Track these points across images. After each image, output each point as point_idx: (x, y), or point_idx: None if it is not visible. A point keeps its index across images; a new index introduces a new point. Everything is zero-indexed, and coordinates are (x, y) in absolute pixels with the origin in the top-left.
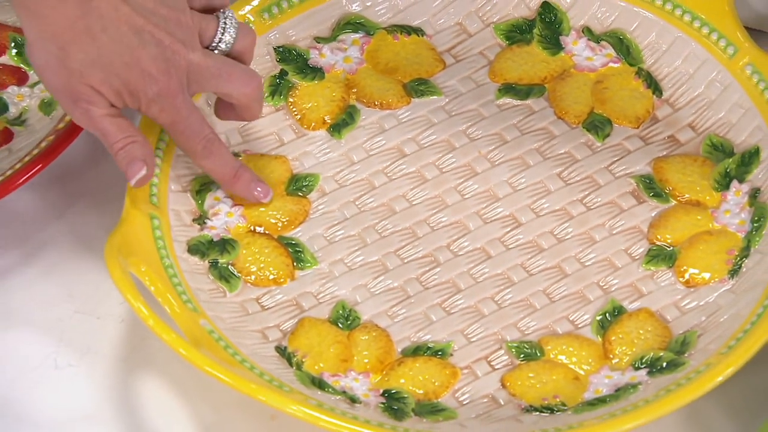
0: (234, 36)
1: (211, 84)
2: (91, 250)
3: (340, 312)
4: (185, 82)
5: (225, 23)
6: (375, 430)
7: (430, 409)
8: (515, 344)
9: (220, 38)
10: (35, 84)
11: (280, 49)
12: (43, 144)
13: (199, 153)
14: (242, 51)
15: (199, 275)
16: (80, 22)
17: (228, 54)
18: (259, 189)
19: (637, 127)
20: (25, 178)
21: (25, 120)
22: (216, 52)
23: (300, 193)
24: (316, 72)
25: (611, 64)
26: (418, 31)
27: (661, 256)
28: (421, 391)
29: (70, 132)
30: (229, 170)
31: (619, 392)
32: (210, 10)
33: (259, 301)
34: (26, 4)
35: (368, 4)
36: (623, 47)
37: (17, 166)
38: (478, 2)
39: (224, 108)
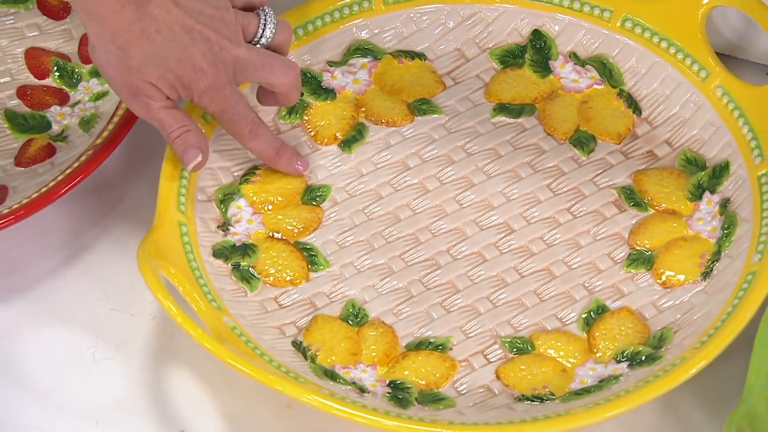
0: (273, 31)
1: (255, 75)
2: (125, 253)
3: (350, 310)
4: (232, 74)
5: (265, 20)
6: (382, 418)
7: (431, 399)
8: (509, 339)
9: (261, 33)
10: (75, 104)
11: None
12: (83, 158)
13: (246, 135)
14: (281, 44)
15: (223, 277)
16: (137, 24)
17: (268, 47)
18: (299, 164)
19: (619, 143)
20: (66, 188)
21: (66, 136)
22: (258, 46)
23: (314, 203)
24: (328, 93)
25: (595, 86)
26: (420, 55)
27: (641, 259)
28: (423, 382)
29: (106, 147)
30: (272, 149)
31: (603, 383)
32: (250, 8)
33: (277, 300)
34: (89, 10)
35: (376, 31)
36: (606, 71)
37: (59, 178)
38: (475, 30)
39: (266, 95)
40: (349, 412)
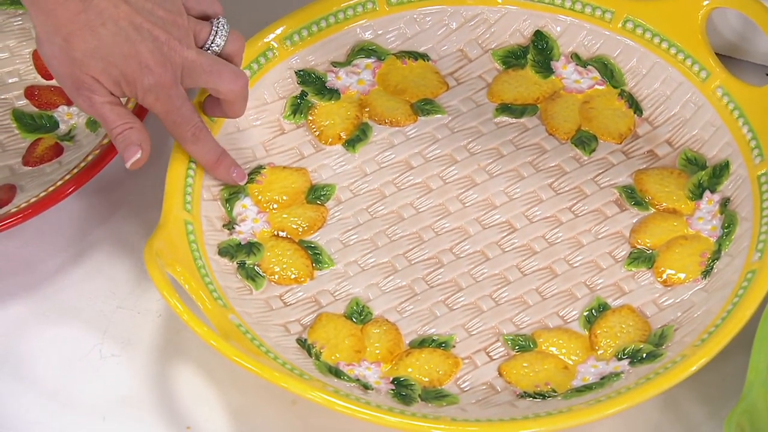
0: (224, 39)
1: (203, 79)
2: (132, 252)
3: (354, 308)
4: (179, 76)
5: (217, 27)
6: (385, 414)
7: (434, 395)
8: (511, 337)
9: (212, 40)
10: None
11: (301, 73)
12: (90, 157)
13: (188, 139)
14: (232, 53)
15: (229, 275)
16: (81, 16)
17: (219, 55)
18: (235, 173)
19: (620, 143)
20: (73, 188)
21: (73, 136)
22: (209, 52)
23: (318, 202)
24: (333, 93)
25: (597, 87)
26: (424, 56)
27: (642, 258)
28: (426, 379)
29: (113, 147)
30: (213, 156)
31: (604, 380)
32: (205, 18)
33: (282, 298)
34: (34, 1)
35: (379, 32)
36: (607, 71)
37: (67, 177)
38: (478, 31)
39: (212, 104)
40: (352, 409)
